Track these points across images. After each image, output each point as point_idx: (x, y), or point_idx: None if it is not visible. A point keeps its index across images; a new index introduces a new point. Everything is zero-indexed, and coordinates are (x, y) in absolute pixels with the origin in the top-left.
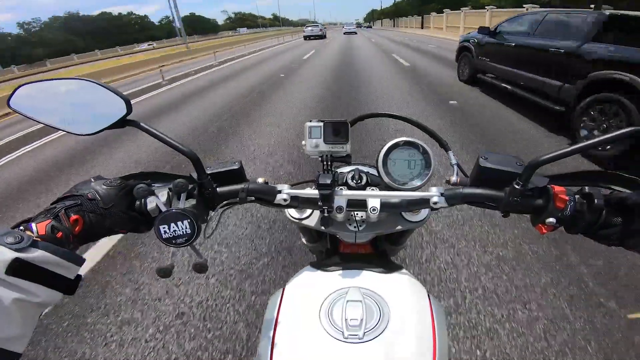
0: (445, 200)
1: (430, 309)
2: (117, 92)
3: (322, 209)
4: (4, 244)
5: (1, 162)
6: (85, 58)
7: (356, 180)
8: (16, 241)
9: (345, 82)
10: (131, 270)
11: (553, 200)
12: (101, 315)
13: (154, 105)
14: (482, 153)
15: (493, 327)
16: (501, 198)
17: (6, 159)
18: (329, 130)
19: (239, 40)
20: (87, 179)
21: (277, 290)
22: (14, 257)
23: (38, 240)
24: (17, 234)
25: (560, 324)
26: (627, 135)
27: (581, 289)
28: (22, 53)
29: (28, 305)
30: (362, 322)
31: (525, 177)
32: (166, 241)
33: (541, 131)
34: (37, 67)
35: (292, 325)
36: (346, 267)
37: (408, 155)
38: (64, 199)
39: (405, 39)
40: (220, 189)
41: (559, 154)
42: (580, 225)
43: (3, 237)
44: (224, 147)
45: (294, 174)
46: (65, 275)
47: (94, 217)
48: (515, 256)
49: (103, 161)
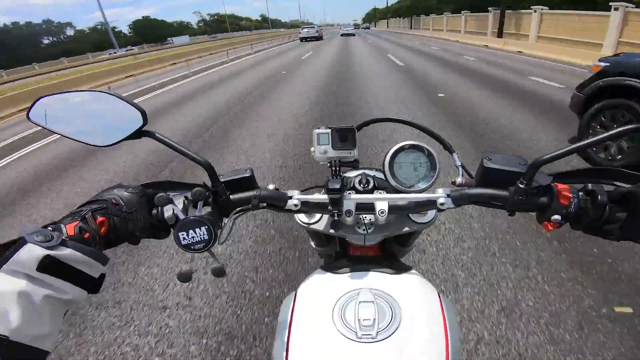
0: (451, 201)
1: (442, 308)
2: (133, 103)
3: (331, 213)
4: (35, 242)
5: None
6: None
7: (363, 184)
8: (47, 239)
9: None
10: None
11: (557, 198)
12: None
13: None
14: (486, 154)
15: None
16: (506, 197)
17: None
18: (337, 137)
19: (201, 50)
20: (109, 187)
21: (289, 294)
22: (45, 254)
23: (67, 240)
24: (47, 232)
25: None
26: (627, 132)
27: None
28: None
29: (56, 303)
30: (374, 322)
31: (529, 176)
32: (185, 247)
33: None
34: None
35: (306, 327)
36: (356, 269)
37: (413, 158)
38: (89, 203)
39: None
40: (233, 196)
41: (562, 153)
42: (585, 221)
43: (33, 236)
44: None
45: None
46: (90, 274)
47: (118, 221)
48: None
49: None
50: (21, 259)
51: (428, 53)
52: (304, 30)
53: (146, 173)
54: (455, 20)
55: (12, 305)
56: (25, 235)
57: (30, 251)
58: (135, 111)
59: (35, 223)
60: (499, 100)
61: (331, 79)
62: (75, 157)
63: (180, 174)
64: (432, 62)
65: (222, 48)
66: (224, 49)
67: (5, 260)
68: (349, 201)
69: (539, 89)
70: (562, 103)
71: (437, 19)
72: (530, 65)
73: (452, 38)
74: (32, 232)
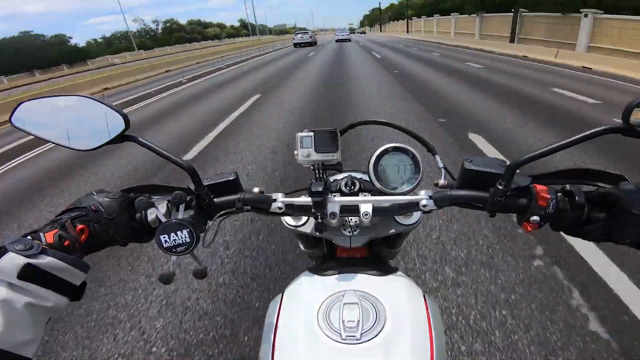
0: (434, 203)
1: (426, 309)
2: (116, 108)
3: (315, 216)
4: (15, 250)
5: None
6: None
7: (349, 186)
8: (27, 248)
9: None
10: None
11: (535, 199)
12: None
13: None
14: (467, 157)
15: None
16: (486, 198)
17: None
18: (320, 140)
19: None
20: (89, 192)
21: (276, 296)
22: (26, 262)
23: (47, 248)
24: (27, 241)
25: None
26: (603, 132)
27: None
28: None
29: (38, 310)
30: (359, 323)
31: (507, 178)
32: (167, 250)
33: None
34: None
35: (292, 329)
36: (342, 271)
37: (398, 160)
38: (69, 211)
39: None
40: (217, 199)
41: (538, 154)
42: (564, 222)
43: (14, 245)
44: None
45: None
46: (71, 281)
47: (99, 227)
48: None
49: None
50: (2, 267)
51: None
52: (297, 36)
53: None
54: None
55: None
56: (6, 244)
57: (11, 260)
58: (117, 115)
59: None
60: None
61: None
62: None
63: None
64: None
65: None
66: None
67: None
68: (333, 204)
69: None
70: None
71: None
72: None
73: (477, 46)
74: (12, 240)
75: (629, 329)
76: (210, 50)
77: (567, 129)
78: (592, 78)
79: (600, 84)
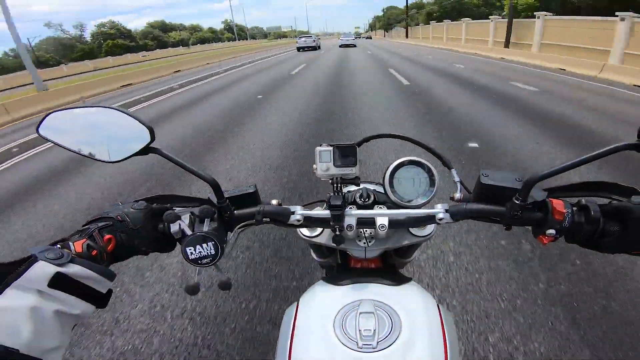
0: (450, 216)
1: (440, 319)
2: (142, 120)
3: (333, 228)
4: (46, 259)
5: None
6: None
7: (364, 198)
8: (57, 257)
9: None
10: None
11: (552, 213)
12: None
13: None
14: (483, 171)
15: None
16: (503, 213)
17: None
18: (338, 154)
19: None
20: (115, 203)
21: (291, 304)
22: (56, 271)
23: (76, 257)
24: (57, 251)
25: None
26: (618, 149)
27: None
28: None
29: (66, 318)
30: (375, 332)
31: (524, 193)
32: (193, 262)
33: None
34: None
35: (308, 337)
36: (357, 281)
37: (413, 173)
38: (96, 221)
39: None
40: (237, 211)
41: (555, 170)
42: (580, 236)
43: (44, 253)
44: None
45: None
46: (98, 289)
47: (125, 237)
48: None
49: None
50: (33, 275)
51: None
52: (301, 40)
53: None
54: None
55: (23, 320)
56: (36, 253)
57: (42, 268)
58: (143, 128)
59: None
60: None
61: None
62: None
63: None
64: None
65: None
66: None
67: (17, 276)
68: (350, 217)
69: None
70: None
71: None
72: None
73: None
74: (42, 250)
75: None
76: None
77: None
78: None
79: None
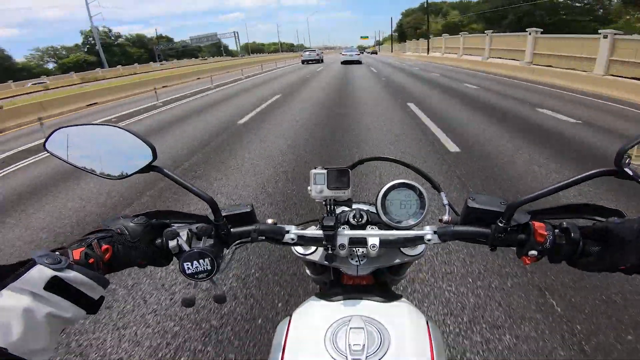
0: (438, 237)
1: (429, 334)
2: (144, 139)
3: (326, 247)
4: (44, 263)
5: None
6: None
7: (357, 218)
8: (55, 262)
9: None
10: None
11: (534, 235)
12: None
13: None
14: (470, 195)
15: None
16: (487, 234)
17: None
18: (332, 177)
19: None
20: (116, 216)
21: (284, 318)
22: (53, 275)
23: (73, 264)
24: (56, 256)
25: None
26: (596, 175)
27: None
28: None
29: (56, 320)
30: (364, 347)
31: (507, 216)
32: (189, 276)
33: None
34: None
35: (299, 350)
36: (349, 297)
37: (404, 196)
38: (96, 232)
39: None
40: (234, 229)
41: (537, 195)
42: (561, 256)
43: (43, 258)
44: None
45: None
46: (91, 295)
47: (122, 249)
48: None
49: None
50: (30, 278)
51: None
52: (305, 54)
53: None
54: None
55: (15, 320)
56: (35, 257)
57: (40, 271)
58: (145, 146)
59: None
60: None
61: None
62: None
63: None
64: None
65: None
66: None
67: (15, 278)
68: (343, 236)
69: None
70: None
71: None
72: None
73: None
74: (41, 254)
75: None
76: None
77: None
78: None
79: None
